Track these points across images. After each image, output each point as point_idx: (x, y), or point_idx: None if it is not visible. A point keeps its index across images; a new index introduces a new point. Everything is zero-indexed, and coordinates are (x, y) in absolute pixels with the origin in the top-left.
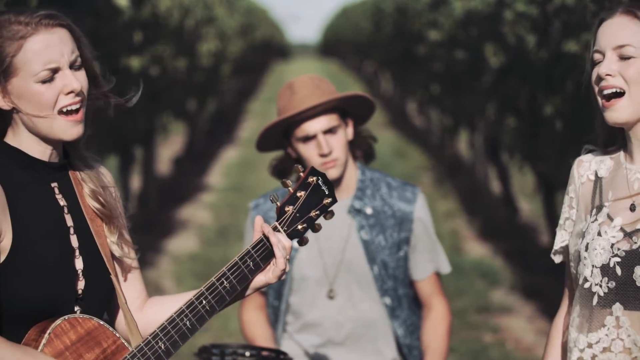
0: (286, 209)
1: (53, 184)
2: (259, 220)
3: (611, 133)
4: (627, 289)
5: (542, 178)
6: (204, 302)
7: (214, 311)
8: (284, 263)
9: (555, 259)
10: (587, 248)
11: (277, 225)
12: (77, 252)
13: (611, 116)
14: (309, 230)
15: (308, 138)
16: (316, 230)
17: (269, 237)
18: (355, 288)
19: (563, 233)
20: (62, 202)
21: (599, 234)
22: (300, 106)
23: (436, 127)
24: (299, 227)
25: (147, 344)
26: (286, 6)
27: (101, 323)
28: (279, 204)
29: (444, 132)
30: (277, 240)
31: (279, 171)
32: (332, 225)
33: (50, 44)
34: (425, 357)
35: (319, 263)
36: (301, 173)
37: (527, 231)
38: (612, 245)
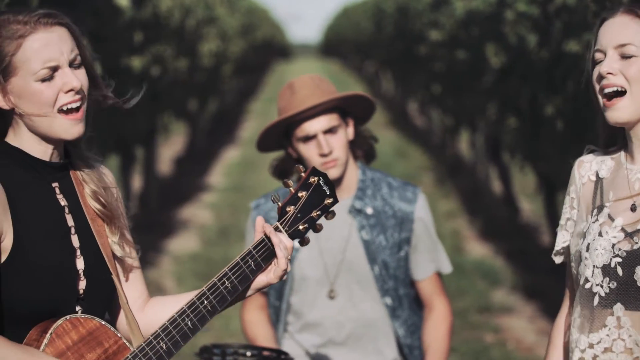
0: (287, 209)
1: (54, 184)
2: (260, 220)
3: (612, 133)
4: (629, 289)
5: (543, 178)
6: (206, 302)
7: (216, 311)
8: (286, 263)
9: (556, 260)
10: (588, 248)
11: (279, 225)
12: (78, 252)
13: (612, 116)
14: (310, 230)
15: (308, 138)
16: (317, 230)
17: (271, 237)
18: (355, 288)
19: (564, 233)
20: (63, 202)
21: (600, 235)
22: (300, 106)
23: (437, 127)
24: (301, 228)
25: (149, 344)
26: (287, 6)
27: (103, 323)
28: (281, 204)
29: (445, 132)
30: (279, 240)
31: (280, 171)
32: (333, 225)
33: (49, 43)
34: (426, 357)
35: (320, 263)
36: (302, 173)
37: (528, 231)
38: (613, 245)
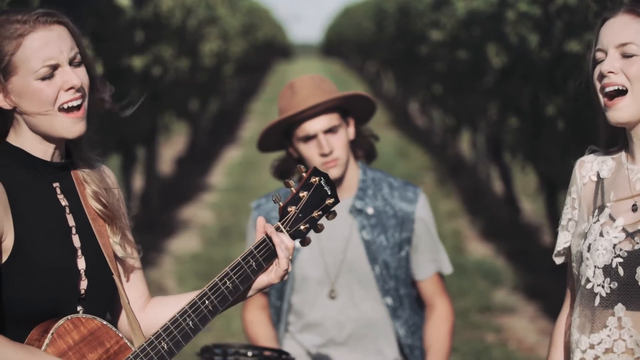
0: (289, 209)
1: (55, 184)
2: (262, 220)
3: (613, 133)
4: (630, 290)
5: (545, 178)
6: (207, 303)
7: (217, 311)
8: (287, 263)
9: (556, 261)
10: (589, 249)
11: (280, 225)
12: (80, 252)
13: (614, 115)
14: (312, 230)
15: (309, 138)
16: (319, 230)
17: (272, 238)
18: (356, 288)
19: (566, 234)
20: (64, 202)
21: (601, 235)
22: (300, 106)
23: (438, 127)
24: (302, 228)
25: (150, 344)
26: (288, 6)
27: (104, 323)
28: (282, 204)
29: (446, 132)
30: (280, 240)
31: (281, 172)
32: (334, 225)
33: (48, 41)
34: (427, 357)
35: (320, 263)
36: (303, 173)
37: (530, 231)
38: (614, 245)
